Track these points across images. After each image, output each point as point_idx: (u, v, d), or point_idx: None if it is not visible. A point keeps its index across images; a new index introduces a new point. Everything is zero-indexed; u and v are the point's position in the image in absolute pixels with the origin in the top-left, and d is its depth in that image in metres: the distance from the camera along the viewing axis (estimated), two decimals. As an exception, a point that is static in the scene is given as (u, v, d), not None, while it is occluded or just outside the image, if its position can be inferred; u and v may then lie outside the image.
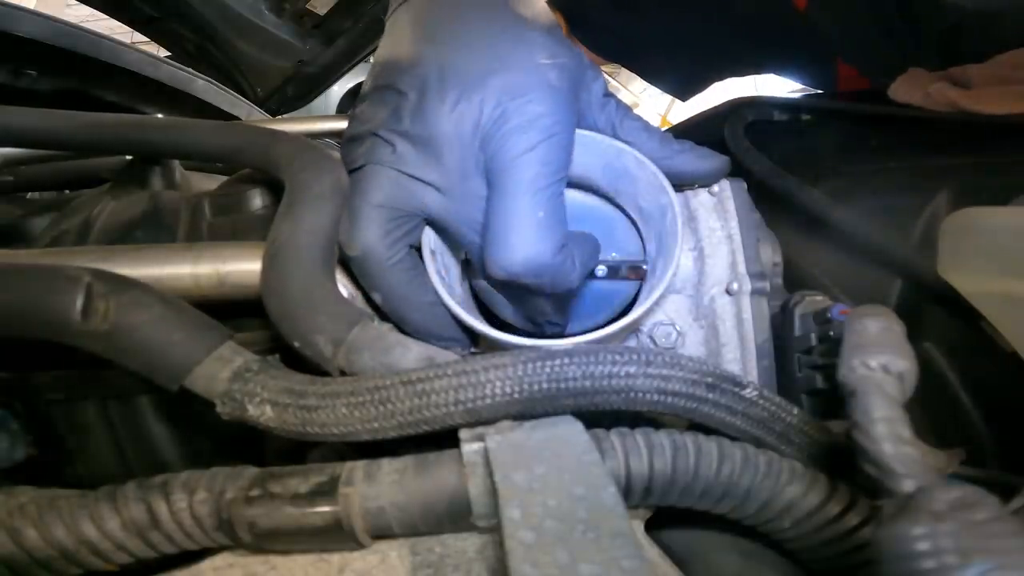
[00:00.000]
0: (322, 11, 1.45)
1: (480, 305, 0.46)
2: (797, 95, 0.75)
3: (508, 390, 0.28)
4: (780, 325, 0.44)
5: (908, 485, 0.21)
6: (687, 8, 0.73)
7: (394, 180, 0.37)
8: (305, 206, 0.38)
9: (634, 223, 0.46)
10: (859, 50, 0.62)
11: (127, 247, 0.42)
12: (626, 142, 0.41)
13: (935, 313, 0.42)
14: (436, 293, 0.38)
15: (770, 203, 0.51)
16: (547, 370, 0.28)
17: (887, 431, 0.23)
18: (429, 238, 0.40)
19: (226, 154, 0.47)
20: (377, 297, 0.38)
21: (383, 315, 0.39)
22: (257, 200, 0.48)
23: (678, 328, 0.44)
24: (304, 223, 0.37)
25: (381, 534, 0.28)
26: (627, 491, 0.28)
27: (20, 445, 0.38)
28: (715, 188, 0.46)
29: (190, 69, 1.11)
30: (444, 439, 0.30)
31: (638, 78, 0.88)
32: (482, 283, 0.43)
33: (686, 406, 0.29)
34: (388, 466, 0.29)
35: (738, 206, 0.45)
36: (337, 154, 0.42)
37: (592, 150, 0.42)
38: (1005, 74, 0.48)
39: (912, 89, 0.52)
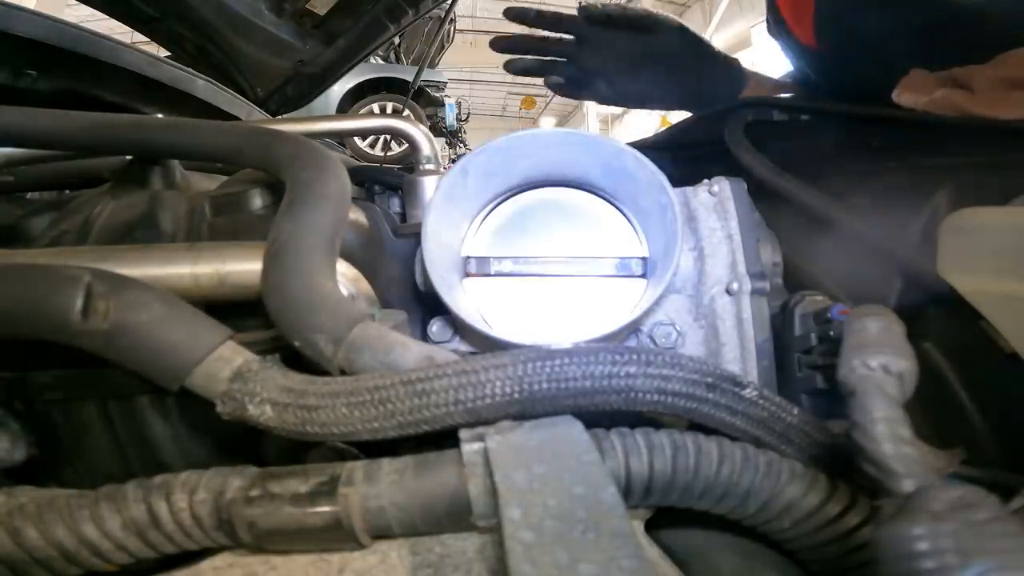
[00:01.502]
0: (322, 11, 1.45)
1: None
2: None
3: (508, 390, 0.28)
4: (780, 325, 0.44)
5: (908, 485, 0.21)
6: None
7: None
8: (306, 205, 0.38)
9: (634, 223, 0.46)
10: (868, 64, 0.62)
11: (127, 247, 0.42)
12: None
13: (935, 313, 0.42)
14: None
15: (770, 203, 0.51)
16: (547, 370, 0.28)
17: (887, 431, 0.23)
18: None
19: (226, 154, 0.47)
20: None
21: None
22: (257, 200, 0.48)
23: (678, 328, 0.44)
24: (305, 222, 0.37)
25: (381, 534, 0.28)
26: (627, 491, 0.28)
27: (20, 445, 0.38)
28: (715, 188, 0.46)
29: (190, 69, 1.11)
30: (444, 439, 0.30)
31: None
32: None
33: (686, 406, 0.29)
34: (388, 466, 0.29)
35: (738, 206, 0.45)
36: (337, 154, 0.42)
37: (592, 150, 0.42)
38: (1009, 74, 0.48)
39: (917, 93, 0.52)
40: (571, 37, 0.83)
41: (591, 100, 0.89)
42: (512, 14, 0.84)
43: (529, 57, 0.86)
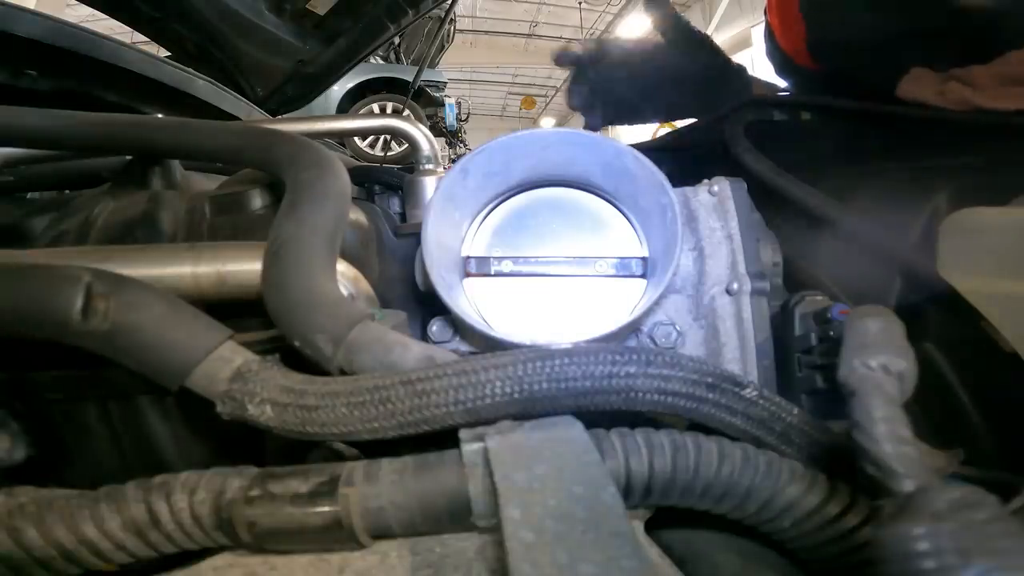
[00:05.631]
0: (322, 11, 1.44)
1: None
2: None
3: (508, 390, 0.28)
4: (780, 325, 0.44)
5: (908, 485, 0.21)
6: None
7: None
8: (306, 205, 0.38)
9: (634, 223, 0.46)
10: (867, 74, 0.63)
11: (127, 247, 0.42)
12: None
13: (935, 313, 0.42)
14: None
15: (770, 203, 0.51)
16: (547, 370, 0.28)
17: (887, 431, 0.23)
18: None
19: (227, 154, 0.47)
20: None
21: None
22: (257, 200, 0.48)
23: (678, 328, 0.44)
24: (306, 222, 0.37)
25: (381, 534, 0.28)
26: (627, 491, 0.28)
27: (20, 445, 0.38)
28: (715, 188, 0.46)
29: (190, 69, 1.11)
30: (444, 439, 0.30)
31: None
32: None
33: (686, 406, 0.29)
34: (388, 466, 0.29)
35: (738, 206, 0.45)
36: (337, 154, 0.42)
37: (591, 150, 0.42)
38: (1011, 72, 0.48)
39: (922, 87, 0.52)
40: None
41: (605, 123, 0.87)
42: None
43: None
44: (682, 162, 0.63)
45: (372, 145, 4.88)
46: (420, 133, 0.77)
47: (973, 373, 0.40)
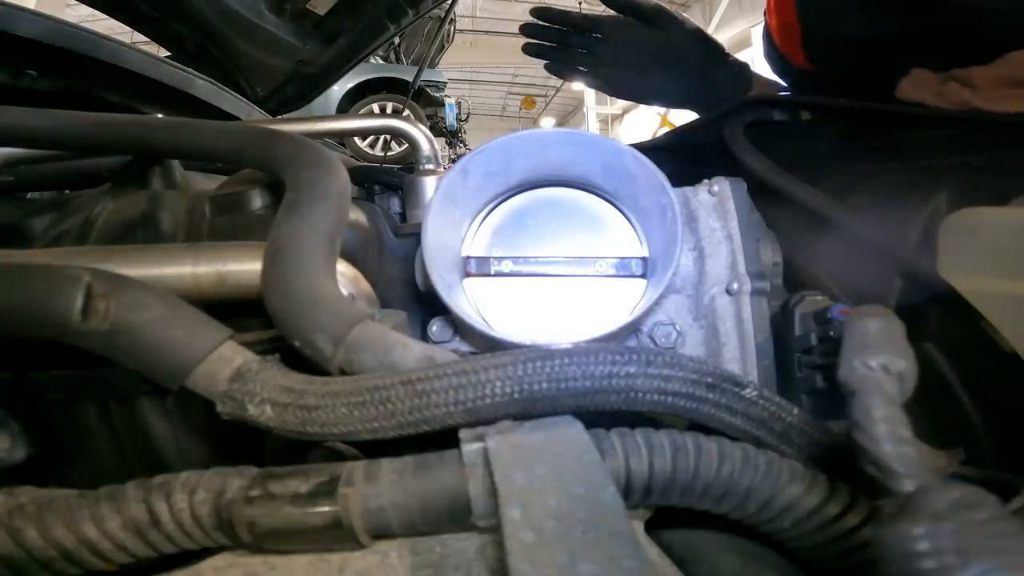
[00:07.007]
0: (322, 11, 1.44)
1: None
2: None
3: (508, 390, 0.28)
4: (780, 325, 0.44)
5: (908, 485, 0.21)
6: None
7: None
8: (306, 205, 0.38)
9: (634, 223, 0.46)
10: (865, 75, 0.63)
11: (127, 247, 0.42)
12: None
13: (935, 313, 0.42)
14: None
15: (770, 203, 0.51)
16: (547, 370, 0.28)
17: (887, 431, 0.23)
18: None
19: (227, 154, 0.47)
20: None
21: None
22: (257, 200, 0.48)
23: (678, 328, 0.44)
24: (305, 222, 0.37)
25: (381, 534, 0.28)
26: (627, 491, 0.28)
27: (20, 445, 0.38)
28: (715, 188, 0.46)
29: (190, 69, 1.11)
30: (444, 439, 0.30)
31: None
32: None
33: (686, 406, 0.29)
34: (388, 466, 0.29)
35: (738, 206, 0.45)
36: (337, 154, 0.42)
37: (591, 149, 0.42)
38: (1010, 74, 0.48)
39: (921, 88, 0.52)
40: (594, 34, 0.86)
41: (601, 90, 0.93)
42: (538, 13, 0.87)
43: (547, 44, 0.89)
44: (682, 162, 0.63)
45: (372, 145, 4.88)
46: (420, 133, 0.76)
47: (973, 373, 0.40)
